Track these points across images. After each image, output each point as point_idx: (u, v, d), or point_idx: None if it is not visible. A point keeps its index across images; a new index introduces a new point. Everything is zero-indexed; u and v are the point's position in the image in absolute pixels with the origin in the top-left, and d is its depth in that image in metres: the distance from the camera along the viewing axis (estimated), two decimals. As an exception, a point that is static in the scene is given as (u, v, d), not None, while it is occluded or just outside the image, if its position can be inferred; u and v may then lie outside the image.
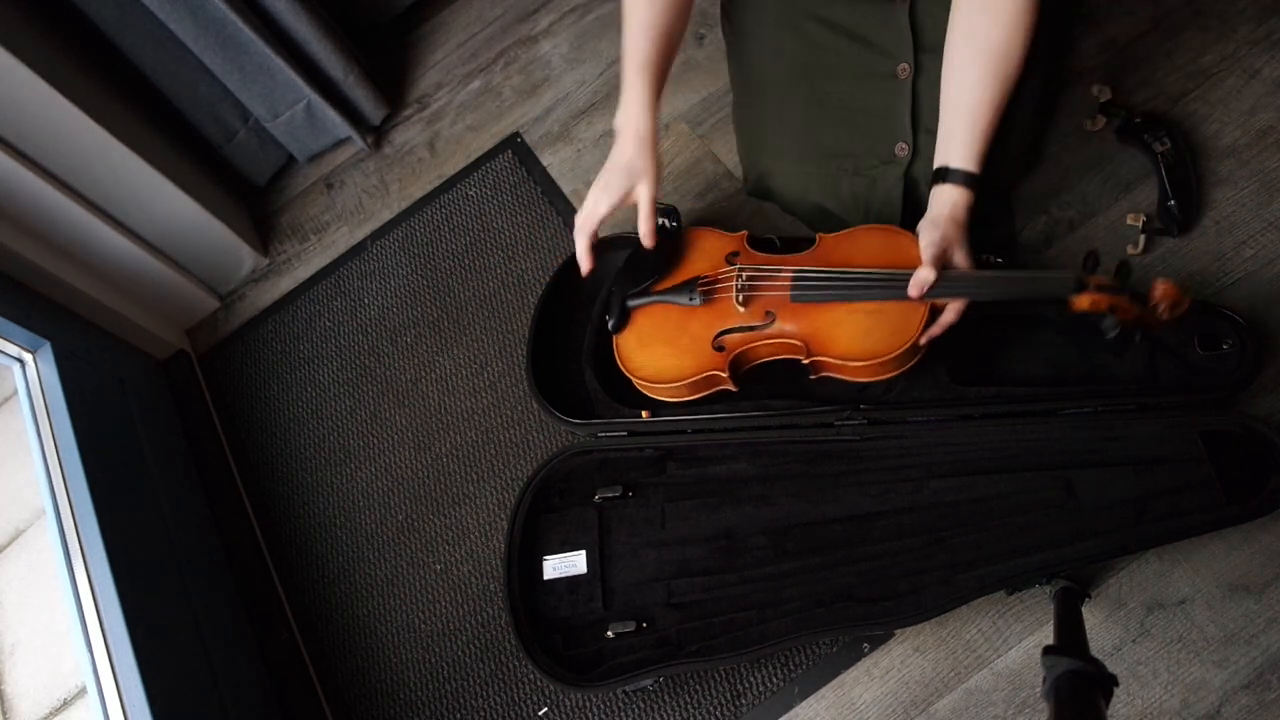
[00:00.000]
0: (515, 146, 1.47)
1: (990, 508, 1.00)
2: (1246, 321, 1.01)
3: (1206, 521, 0.94)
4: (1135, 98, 1.22)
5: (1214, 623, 0.98)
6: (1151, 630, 1.00)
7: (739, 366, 1.07)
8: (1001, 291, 0.96)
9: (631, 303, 1.12)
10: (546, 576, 1.10)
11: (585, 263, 1.09)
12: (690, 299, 1.09)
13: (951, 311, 0.98)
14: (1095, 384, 1.03)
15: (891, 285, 0.99)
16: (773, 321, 1.04)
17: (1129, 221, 1.15)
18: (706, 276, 1.10)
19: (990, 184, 1.01)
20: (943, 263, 0.96)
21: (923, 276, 0.94)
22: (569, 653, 1.06)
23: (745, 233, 1.13)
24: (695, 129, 1.39)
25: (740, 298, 1.06)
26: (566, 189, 1.41)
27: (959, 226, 0.98)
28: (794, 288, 1.04)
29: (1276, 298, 1.08)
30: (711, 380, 1.07)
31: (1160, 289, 0.88)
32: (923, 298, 0.96)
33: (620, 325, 1.12)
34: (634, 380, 1.11)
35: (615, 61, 1.36)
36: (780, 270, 1.06)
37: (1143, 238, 1.13)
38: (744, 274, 1.07)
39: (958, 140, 0.97)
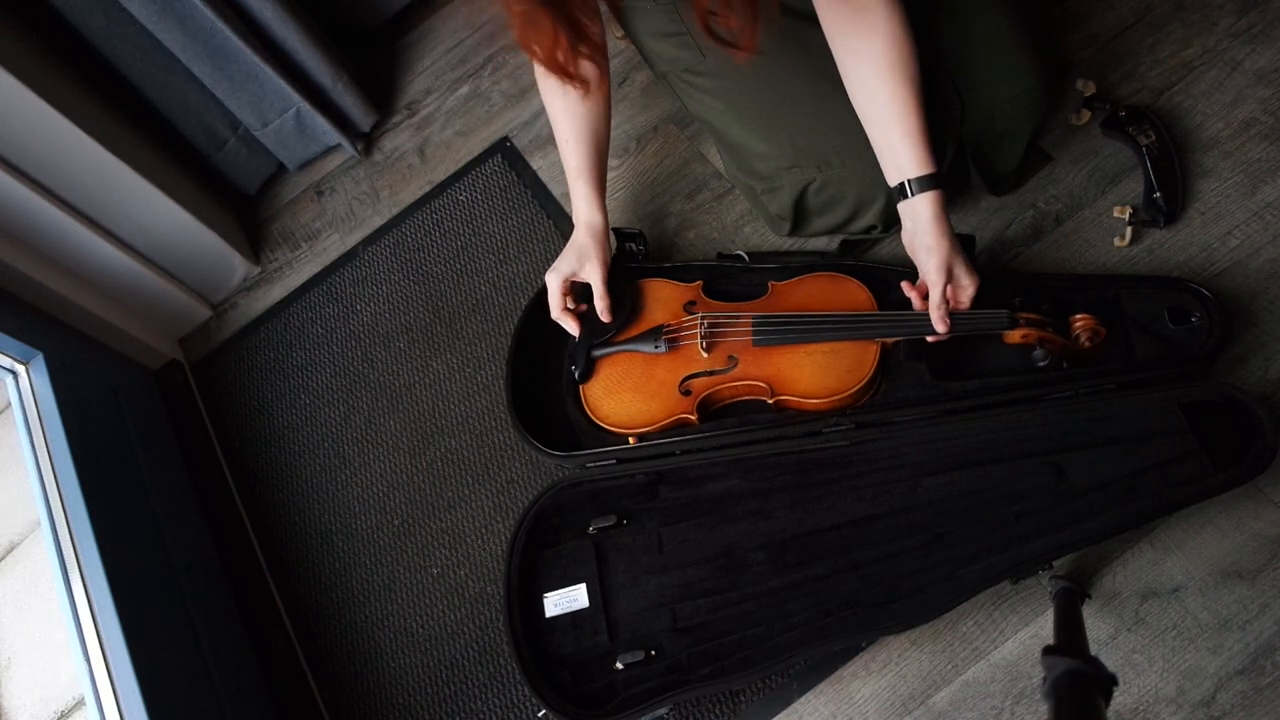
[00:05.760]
0: (505, 151, 1.47)
1: (985, 499, 1.01)
2: (1213, 294, 1.03)
3: (1196, 492, 0.95)
4: (1119, 92, 1.23)
5: (1208, 610, 0.99)
6: (1146, 619, 1.00)
7: (706, 409, 1.11)
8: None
9: (596, 352, 1.16)
10: (548, 614, 1.08)
11: (573, 328, 1.16)
12: (655, 346, 1.13)
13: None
14: (1074, 366, 1.04)
15: (847, 326, 1.06)
16: (735, 365, 1.09)
17: (1115, 214, 1.16)
18: (670, 325, 1.14)
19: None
20: (949, 278, 1.00)
21: (942, 310, 1.00)
22: (579, 689, 1.04)
23: (700, 282, 1.18)
24: (683, 130, 1.40)
25: (704, 344, 1.11)
26: (556, 192, 1.42)
27: (944, 228, 0.99)
28: (755, 332, 1.09)
29: (1263, 285, 1.09)
30: (679, 424, 1.11)
31: (1080, 322, 1.02)
32: (879, 335, 1.05)
33: (586, 375, 1.15)
34: (603, 426, 1.13)
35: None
36: (739, 316, 1.12)
37: (1130, 230, 1.14)
38: (706, 321, 1.12)
39: (903, 156, 0.99)
